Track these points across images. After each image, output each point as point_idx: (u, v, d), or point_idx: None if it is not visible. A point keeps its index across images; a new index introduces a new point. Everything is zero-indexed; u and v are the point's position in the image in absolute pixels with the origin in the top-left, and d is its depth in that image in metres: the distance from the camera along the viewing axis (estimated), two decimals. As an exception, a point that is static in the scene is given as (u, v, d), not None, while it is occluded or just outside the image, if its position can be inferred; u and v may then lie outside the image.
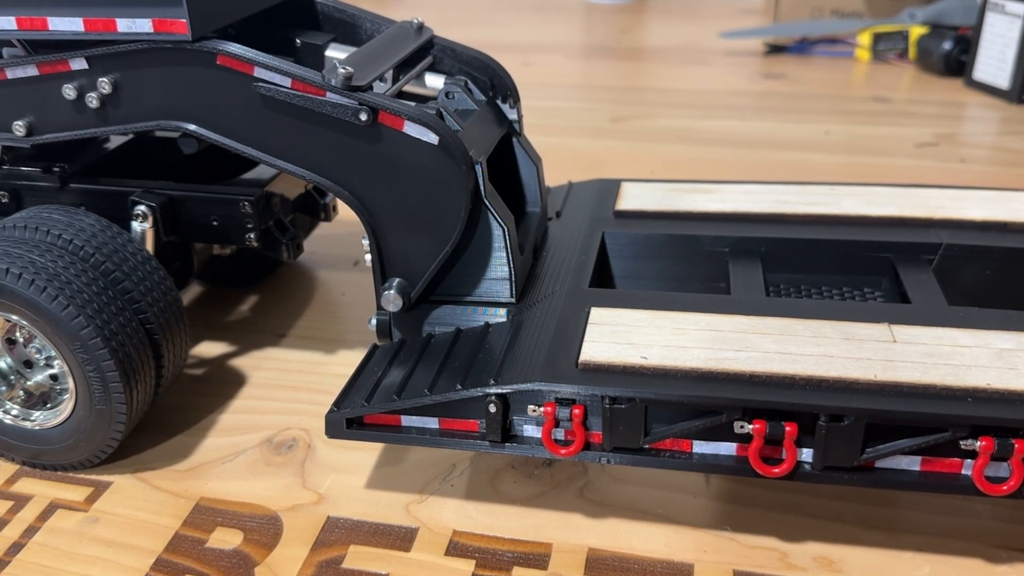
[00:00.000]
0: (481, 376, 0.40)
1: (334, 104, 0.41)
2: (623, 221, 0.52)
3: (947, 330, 0.39)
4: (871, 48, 1.22)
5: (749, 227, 0.49)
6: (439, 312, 0.45)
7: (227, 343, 0.58)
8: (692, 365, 0.37)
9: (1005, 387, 0.35)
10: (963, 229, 0.48)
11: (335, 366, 0.55)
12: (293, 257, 0.53)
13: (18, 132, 0.47)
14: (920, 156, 0.85)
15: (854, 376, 0.36)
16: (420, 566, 0.41)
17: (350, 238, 0.71)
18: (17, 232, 0.45)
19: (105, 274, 0.44)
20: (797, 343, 0.39)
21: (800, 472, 0.37)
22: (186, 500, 0.45)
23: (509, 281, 0.44)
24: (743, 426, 0.36)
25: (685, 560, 0.40)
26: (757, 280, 0.46)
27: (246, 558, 0.41)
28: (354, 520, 0.43)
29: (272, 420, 0.51)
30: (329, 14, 0.52)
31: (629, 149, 0.91)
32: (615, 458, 0.39)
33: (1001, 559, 0.40)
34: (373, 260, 0.44)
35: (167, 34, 0.42)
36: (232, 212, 0.50)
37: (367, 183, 0.43)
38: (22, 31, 0.44)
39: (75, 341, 0.42)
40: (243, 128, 0.44)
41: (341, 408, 0.41)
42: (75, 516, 0.44)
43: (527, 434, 0.40)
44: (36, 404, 0.47)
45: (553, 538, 0.42)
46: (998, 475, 0.36)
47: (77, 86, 0.45)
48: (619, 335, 0.40)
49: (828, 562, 0.40)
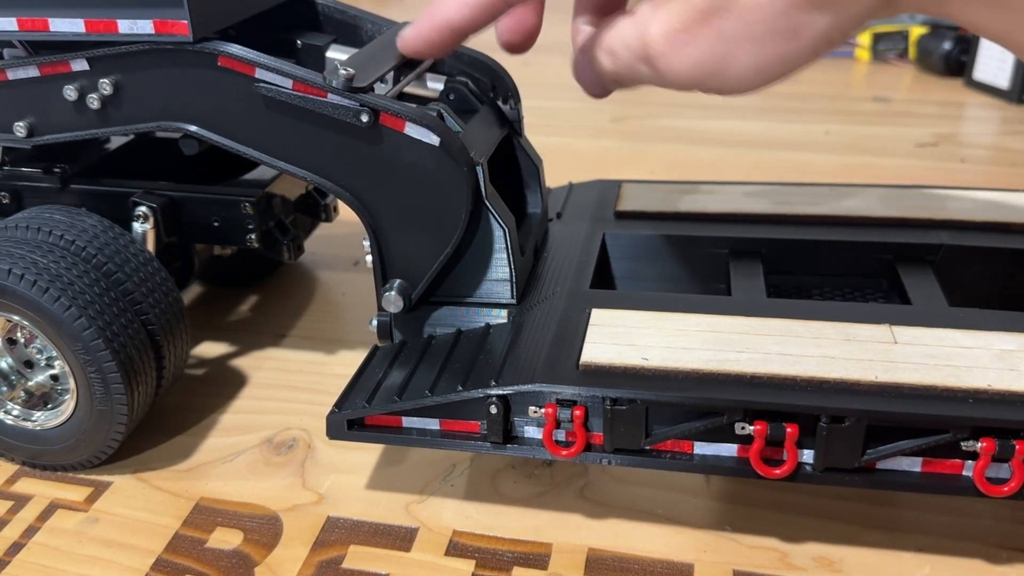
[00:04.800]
0: (482, 377, 0.40)
1: (335, 105, 0.41)
2: (624, 222, 0.52)
3: (948, 331, 0.39)
4: (871, 48, 1.22)
5: (750, 228, 0.49)
6: (440, 313, 0.45)
7: (228, 343, 0.58)
8: (693, 366, 0.37)
9: (1006, 388, 0.35)
10: (964, 230, 0.48)
11: (335, 366, 0.56)
12: (294, 258, 0.53)
13: (19, 133, 0.47)
14: (920, 156, 0.85)
15: (855, 377, 0.36)
16: (420, 566, 0.41)
17: (350, 238, 0.71)
18: (19, 233, 0.45)
19: (107, 275, 0.44)
20: (798, 344, 0.39)
21: (801, 473, 0.37)
22: (186, 500, 0.45)
23: (510, 282, 0.44)
24: (744, 427, 0.36)
25: (685, 560, 0.40)
26: (758, 281, 0.46)
27: (246, 558, 0.41)
28: (354, 520, 0.43)
29: (272, 420, 0.51)
30: (330, 15, 0.52)
31: (629, 149, 0.91)
32: (616, 459, 0.39)
33: (1001, 559, 0.40)
34: (374, 261, 0.44)
35: (168, 35, 0.42)
36: (233, 213, 0.50)
37: (368, 184, 0.43)
38: (23, 32, 0.44)
39: (77, 342, 0.42)
40: (244, 129, 0.44)
41: (342, 409, 0.41)
42: (75, 516, 0.44)
43: (528, 435, 0.40)
44: (37, 404, 0.47)
45: (553, 538, 0.42)
46: (999, 476, 0.36)
47: (78, 87, 0.45)
48: (620, 336, 0.40)
49: (828, 562, 0.40)
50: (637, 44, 0.33)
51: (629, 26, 0.34)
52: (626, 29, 0.34)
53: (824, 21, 0.30)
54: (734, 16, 0.31)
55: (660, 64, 0.33)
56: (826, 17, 0.30)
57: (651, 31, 0.33)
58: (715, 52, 0.32)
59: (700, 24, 0.31)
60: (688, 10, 0.32)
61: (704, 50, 0.32)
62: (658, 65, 0.33)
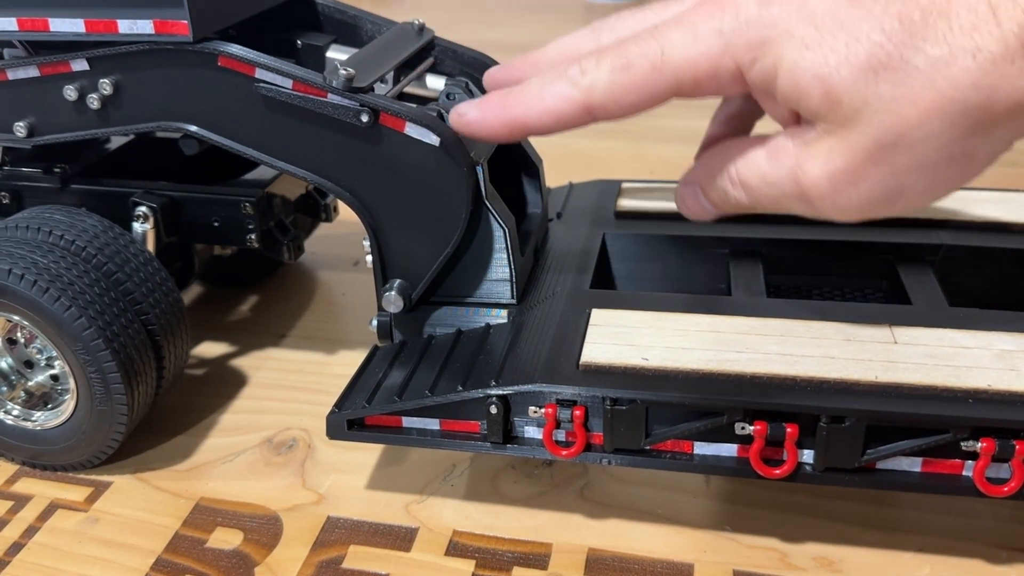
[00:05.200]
0: (482, 377, 0.40)
1: (335, 105, 0.41)
2: (624, 222, 0.52)
3: (948, 331, 0.39)
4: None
5: (750, 228, 0.49)
6: (440, 313, 0.45)
7: (228, 343, 0.58)
8: (693, 367, 0.37)
9: (1006, 388, 0.35)
10: (964, 230, 0.48)
11: (335, 366, 0.56)
12: (294, 258, 0.53)
13: (19, 133, 0.47)
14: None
15: (855, 377, 0.36)
16: (420, 566, 0.41)
17: (350, 238, 0.70)
18: (19, 233, 0.45)
19: (107, 275, 0.44)
20: (798, 344, 0.39)
21: (801, 473, 0.37)
22: (186, 500, 0.45)
23: (510, 282, 0.44)
24: (744, 427, 0.36)
25: (685, 560, 0.40)
26: (758, 281, 0.46)
27: (246, 558, 0.41)
28: (354, 520, 0.43)
29: (272, 420, 0.51)
30: (330, 15, 0.52)
31: (629, 149, 0.91)
32: (616, 459, 0.39)
33: (1001, 559, 0.40)
34: (374, 261, 0.44)
35: (168, 35, 0.42)
36: (233, 213, 0.50)
37: (368, 184, 0.43)
38: (23, 32, 0.44)
39: (77, 342, 0.42)
40: (244, 129, 0.44)
41: (342, 409, 0.41)
42: (75, 516, 0.44)
43: (528, 435, 0.40)
44: (37, 404, 0.47)
45: (553, 538, 0.42)
46: (999, 476, 0.36)
47: (78, 87, 0.45)
48: (620, 336, 0.40)
49: (828, 562, 0.40)
50: (790, 184, 0.32)
51: (769, 162, 0.33)
52: (764, 165, 0.33)
53: (998, 137, 0.30)
54: (906, 150, 0.30)
55: (824, 204, 0.32)
56: (1000, 132, 0.29)
57: (810, 173, 0.32)
58: (887, 187, 0.31)
59: (869, 164, 0.30)
60: (853, 151, 0.30)
61: (875, 186, 0.31)
62: (821, 205, 0.32)
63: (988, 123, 0.29)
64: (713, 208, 0.37)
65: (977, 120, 0.29)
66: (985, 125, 0.29)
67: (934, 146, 0.30)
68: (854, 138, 0.30)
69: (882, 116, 0.30)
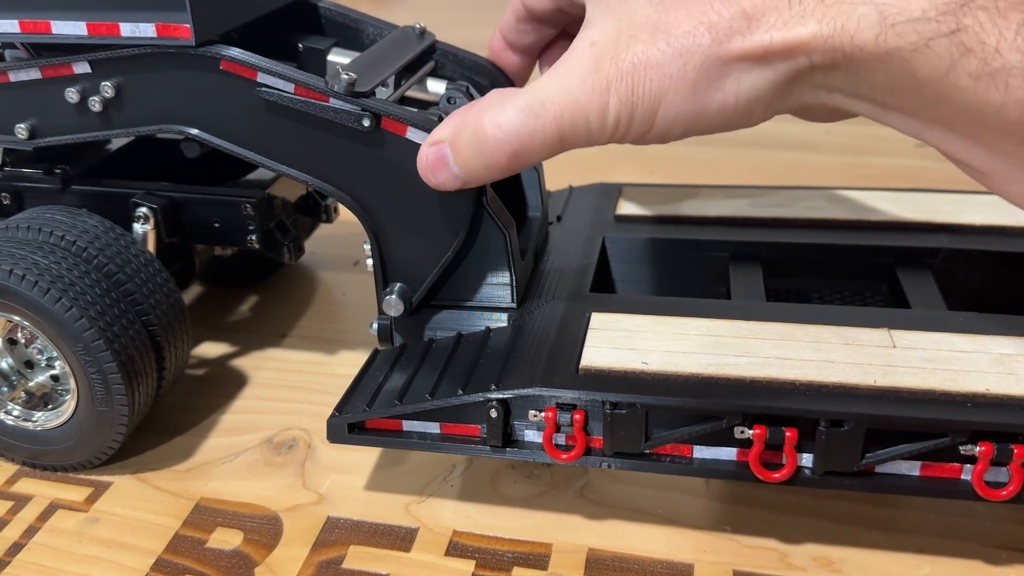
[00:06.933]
0: (482, 381, 0.40)
1: (337, 110, 0.41)
2: (624, 225, 0.52)
3: (947, 335, 0.39)
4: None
5: (749, 231, 0.49)
6: (440, 317, 0.45)
7: (228, 344, 0.58)
8: (693, 371, 0.38)
9: (1004, 392, 0.35)
10: (963, 234, 0.48)
11: (335, 366, 0.56)
12: (294, 259, 0.53)
13: (20, 135, 0.47)
14: (920, 156, 0.85)
15: (854, 381, 0.36)
16: (420, 566, 0.41)
17: (350, 239, 0.70)
18: (20, 233, 0.45)
19: (108, 276, 0.44)
20: (797, 348, 0.39)
21: (800, 477, 0.37)
22: (186, 500, 0.45)
23: (510, 286, 0.44)
24: (744, 431, 0.37)
25: (685, 560, 0.40)
26: (757, 285, 0.46)
27: (246, 558, 0.42)
28: (354, 520, 0.43)
29: (272, 420, 0.51)
30: (331, 19, 0.52)
31: (629, 151, 0.90)
32: (616, 463, 0.39)
33: (1001, 559, 0.40)
34: (375, 264, 0.44)
35: (170, 39, 0.42)
36: (234, 214, 0.50)
37: (369, 188, 0.43)
38: (25, 34, 0.44)
39: (78, 343, 0.42)
40: (245, 133, 0.44)
41: (343, 413, 0.41)
42: (75, 516, 0.44)
43: (528, 439, 0.40)
44: (37, 405, 0.47)
45: (553, 538, 0.42)
46: (997, 480, 0.36)
47: (80, 89, 0.45)
48: (620, 340, 0.40)
49: (828, 562, 0.40)
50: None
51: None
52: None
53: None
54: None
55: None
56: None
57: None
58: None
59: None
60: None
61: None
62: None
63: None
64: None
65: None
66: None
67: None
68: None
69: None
